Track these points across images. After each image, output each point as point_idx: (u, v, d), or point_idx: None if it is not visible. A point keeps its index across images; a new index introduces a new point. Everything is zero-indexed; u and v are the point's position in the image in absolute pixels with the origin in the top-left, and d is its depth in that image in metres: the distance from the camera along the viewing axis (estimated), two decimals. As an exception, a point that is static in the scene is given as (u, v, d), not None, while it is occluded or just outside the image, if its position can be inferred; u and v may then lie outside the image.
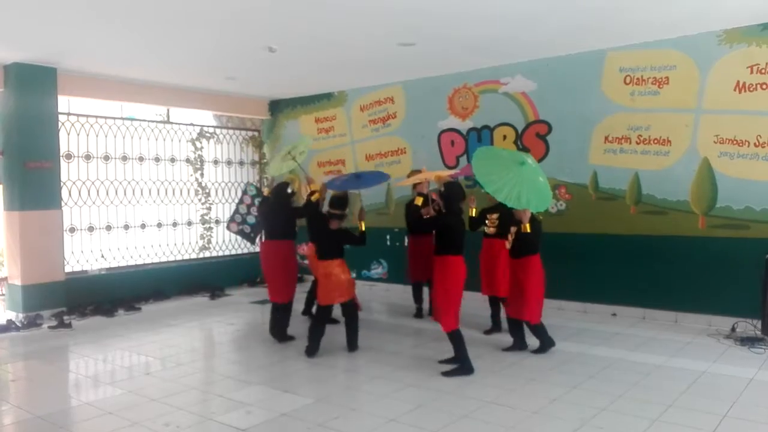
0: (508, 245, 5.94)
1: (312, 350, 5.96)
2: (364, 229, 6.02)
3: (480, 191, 6.69)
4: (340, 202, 6.08)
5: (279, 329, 6.52)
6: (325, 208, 6.37)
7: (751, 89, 6.48)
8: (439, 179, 6.20)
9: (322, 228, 6.09)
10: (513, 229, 5.85)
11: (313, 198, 6.35)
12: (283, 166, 7.09)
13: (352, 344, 6.16)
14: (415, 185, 6.97)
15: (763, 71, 6.41)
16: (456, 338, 5.29)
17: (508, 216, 6.37)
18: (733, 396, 4.64)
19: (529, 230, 5.64)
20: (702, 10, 5.96)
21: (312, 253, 6.56)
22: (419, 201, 5.57)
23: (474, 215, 6.55)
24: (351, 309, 6.15)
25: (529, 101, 8.05)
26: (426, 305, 7.26)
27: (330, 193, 6.51)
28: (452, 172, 7.05)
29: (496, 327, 6.74)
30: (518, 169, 5.36)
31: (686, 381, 5.00)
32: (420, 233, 7.16)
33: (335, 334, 6.15)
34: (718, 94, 6.67)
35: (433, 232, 5.62)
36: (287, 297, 6.53)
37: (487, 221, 6.56)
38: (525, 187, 5.25)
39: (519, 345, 5.99)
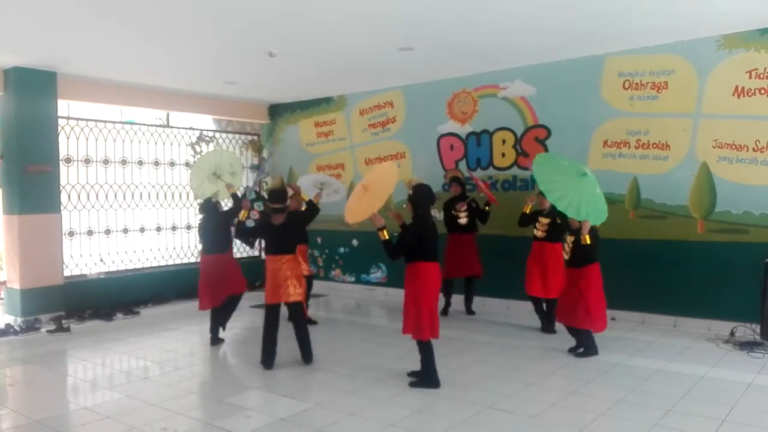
0: (565, 256, 5.89)
1: (266, 360, 5.68)
2: (308, 199, 6.19)
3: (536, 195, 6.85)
4: (279, 195, 5.69)
5: (215, 330, 6.73)
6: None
7: (750, 94, 6.49)
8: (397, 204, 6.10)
9: (265, 227, 6.03)
10: (570, 239, 5.78)
11: (242, 217, 6.04)
12: (209, 188, 6.67)
13: (305, 355, 5.78)
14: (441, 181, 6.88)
15: (761, 76, 6.42)
16: (426, 349, 5.07)
17: (559, 225, 6.44)
18: (732, 400, 4.64)
19: (588, 242, 5.59)
20: (701, 15, 5.96)
21: None
22: (385, 235, 4.97)
23: (527, 212, 6.85)
24: (297, 313, 5.77)
25: (528, 106, 8.05)
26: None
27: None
28: (389, 175, 5.35)
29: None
30: (579, 180, 5.52)
31: (685, 385, 4.99)
32: (456, 233, 7.60)
33: (334, 337, 6.12)
34: (717, 99, 6.68)
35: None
36: (219, 300, 6.66)
37: (537, 224, 6.76)
38: (585, 198, 5.42)
39: (591, 349, 5.87)
